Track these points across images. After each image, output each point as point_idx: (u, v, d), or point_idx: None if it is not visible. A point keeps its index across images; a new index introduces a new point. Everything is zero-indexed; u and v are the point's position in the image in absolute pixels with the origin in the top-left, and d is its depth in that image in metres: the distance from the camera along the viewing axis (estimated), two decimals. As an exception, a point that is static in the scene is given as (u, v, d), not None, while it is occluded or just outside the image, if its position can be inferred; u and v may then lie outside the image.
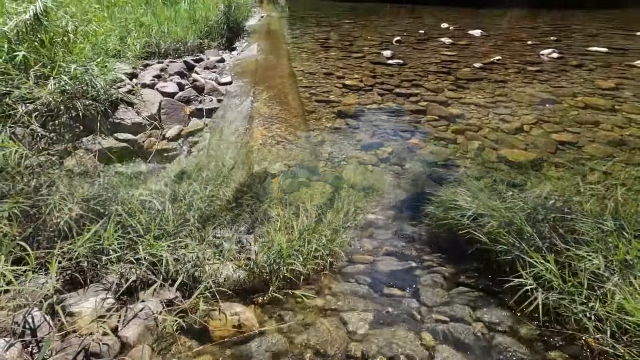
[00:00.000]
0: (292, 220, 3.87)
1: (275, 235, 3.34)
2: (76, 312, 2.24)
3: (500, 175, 4.40)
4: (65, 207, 2.65)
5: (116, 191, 3.06)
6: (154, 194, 3.24)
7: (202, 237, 3.38)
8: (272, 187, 4.71)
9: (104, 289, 2.58)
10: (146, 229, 2.89)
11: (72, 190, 2.75)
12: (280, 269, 3.13)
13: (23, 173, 2.57)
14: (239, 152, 5.39)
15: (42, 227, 2.67)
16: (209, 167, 4.11)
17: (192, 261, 3.06)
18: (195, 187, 3.44)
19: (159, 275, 2.76)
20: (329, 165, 6.12)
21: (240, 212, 3.94)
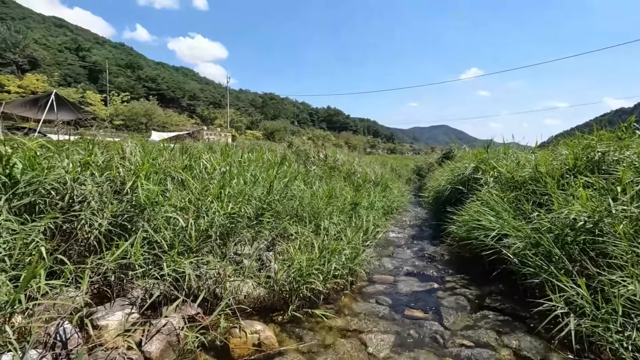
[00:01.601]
0: (312, 238, 3.87)
1: (296, 254, 3.35)
2: (103, 326, 2.30)
3: (525, 195, 4.28)
4: (96, 222, 2.76)
5: (143, 207, 3.16)
6: (179, 210, 3.32)
7: (224, 254, 3.43)
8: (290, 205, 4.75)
9: (129, 304, 2.64)
10: (170, 245, 2.96)
11: (102, 206, 2.87)
12: (300, 288, 3.13)
13: (58, 188, 2.71)
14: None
15: (74, 241, 2.78)
16: (230, 184, 4.19)
17: (213, 277, 3.10)
18: (216, 205, 3.51)
19: (181, 291, 2.80)
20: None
21: (260, 229, 3.98)
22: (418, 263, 4.93)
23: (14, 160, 2.51)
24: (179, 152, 5.25)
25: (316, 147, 11.17)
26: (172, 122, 49.27)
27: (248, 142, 25.32)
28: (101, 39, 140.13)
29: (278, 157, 7.93)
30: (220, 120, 64.64)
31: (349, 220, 5.10)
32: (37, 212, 2.62)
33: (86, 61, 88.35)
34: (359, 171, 9.59)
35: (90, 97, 45.05)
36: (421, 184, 14.39)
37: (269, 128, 69.16)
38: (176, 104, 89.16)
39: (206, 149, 6.46)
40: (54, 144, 3.31)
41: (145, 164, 3.31)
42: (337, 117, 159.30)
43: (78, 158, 3.07)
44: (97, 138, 4.12)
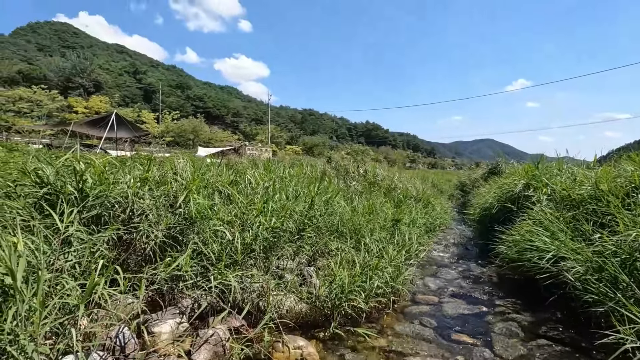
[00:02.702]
0: (352, 255, 3.85)
1: (337, 270, 3.35)
2: (156, 333, 2.43)
3: (584, 214, 3.96)
4: (152, 233, 2.96)
5: (193, 220, 3.34)
6: (226, 224, 3.46)
7: (267, 267, 3.50)
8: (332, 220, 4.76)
9: (179, 313, 2.77)
10: (218, 258, 3.09)
11: (158, 218, 3.08)
12: (341, 305, 3.11)
13: (121, 202, 2.96)
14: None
15: (132, 252, 2.99)
16: (273, 199, 4.30)
17: (257, 291, 3.18)
18: (261, 219, 3.61)
19: (227, 302, 2.90)
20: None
21: (302, 244, 4.02)
22: (464, 284, 4.70)
23: (86, 176, 2.77)
24: (225, 168, 5.50)
25: (355, 162, 11.16)
26: (217, 138, 51.72)
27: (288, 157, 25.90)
28: (156, 63, 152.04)
29: (318, 172, 8.04)
30: (262, 136, 66.84)
31: (390, 237, 5.01)
32: (102, 224, 2.86)
33: (142, 83, 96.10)
34: (399, 187, 9.43)
35: (144, 116, 48.72)
36: (465, 200, 13.80)
37: (308, 143, 70.33)
38: (221, 121, 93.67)
39: (250, 165, 6.70)
40: (118, 161, 3.62)
41: (196, 179, 3.51)
42: (375, 131, 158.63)
43: (138, 174, 3.33)
44: (153, 154, 4.44)
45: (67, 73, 68.46)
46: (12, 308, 1.72)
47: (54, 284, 2.14)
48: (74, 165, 2.83)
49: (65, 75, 68.02)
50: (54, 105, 41.12)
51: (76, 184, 2.80)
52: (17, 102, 37.82)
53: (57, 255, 2.32)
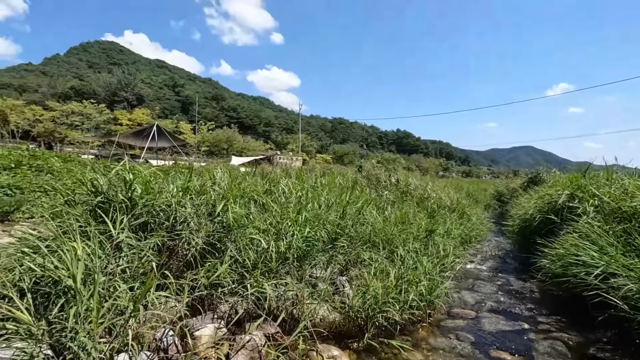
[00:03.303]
0: (386, 266, 3.82)
1: (371, 280, 3.34)
2: (197, 336, 2.54)
3: (637, 228, 3.70)
4: (193, 240, 3.11)
5: (231, 228, 3.47)
6: (261, 232, 3.57)
7: (300, 276, 3.56)
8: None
9: (218, 318, 2.87)
10: (253, 265, 3.18)
11: (199, 226, 3.24)
12: (375, 316, 3.09)
13: (167, 210, 3.15)
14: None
15: (175, 257, 3.16)
16: (306, 208, 4.37)
17: (291, 299, 3.23)
18: (295, 228, 3.68)
19: (262, 309, 2.97)
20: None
21: (334, 253, 4.05)
22: (503, 299, 4.51)
23: (135, 185, 2.98)
24: (259, 177, 5.67)
25: (387, 171, 11.06)
26: (249, 147, 53.10)
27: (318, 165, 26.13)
28: (193, 76, 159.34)
29: (349, 181, 8.05)
30: (292, 145, 67.85)
31: (424, 248, 4.92)
32: (149, 230, 3.05)
33: (180, 95, 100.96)
34: (432, 196, 9.23)
35: (182, 127, 51.05)
36: (503, 210, 13.23)
37: (338, 152, 70.46)
38: (253, 131, 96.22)
39: (283, 174, 6.84)
40: (162, 171, 3.84)
41: (233, 189, 3.65)
42: (407, 139, 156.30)
43: (180, 183, 3.52)
44: (191, 164, 4.67)
45: (113, 88, 73.47)
46: (73, 307, 1.88)
47: (108, 286, 2.31)
48: (124, 175, 3.05)
49: (111, 89, 73.03)
50: (101, 118, 44.19)
51: (126, 193, 3.02)
52: (70, 115, 41.01)
53: (110, 260, 2.50)
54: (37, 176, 9.55)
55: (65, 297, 2.07)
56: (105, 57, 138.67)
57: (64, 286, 2.12)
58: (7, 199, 7.44)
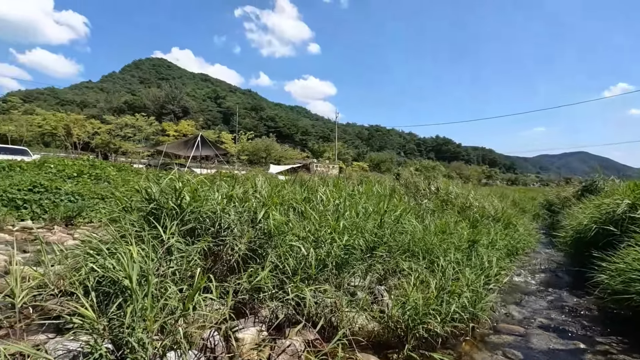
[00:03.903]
0: (426, 276, 3.73)
1: (411, 291, 3.28)
2: (240, 338, 2.64)
3: None
4: (236, 246, 3.25)
5: (271, 235, 3.58)
6: (300, 239, 3.64)
7: (339, 284, 3.57)
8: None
9: (259, 322, 2.96)
10: (293, 272, 3.25)
11: (242, 232, 3.38)
12: (416, 327, 3.02)
13: (212, 217, 3.33)
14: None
15: (219, 262, 3.31)
16: (344, 216, 4.39)
17: (329, 306, 3.26)
18: (334, 236, 3.72)
19: (301, 315, 3.02)
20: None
21: (373, 262, 4.02)
22: (555, 316, 4.21)
23: (184, 193, 3.18)
24: (298, 185, 5.79)
25: (426, 179, 10.80)
26: (287, 156, 54.20)
27: (355, 173, 26.10)
28: (233, 88, 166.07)
29: (387, 189, 7.96)
30: (329, 153, 68.27)
31: (466, 259, 4.74)
32: (196, 236, 3.23)
33: (222, 107, 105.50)
34: (474, 205, 8.86)
35: (223, 137, 53.25)
36: (553, 221, 12.38)
37: (375, 159, 69.83)
38: (290, 140, 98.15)
39: (321, 182, 6.92)
40: (208, 179, 4.06)
41: (274, 196, 3.77)
42: (446, 146, 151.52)
43: (224, 191, 3.69)
44: (235, 173, 4.87)
45: (161, 101, 78.47)
46: (130, 306, 2.04)
47: (159, 287, 2.48)
48: (174, 184, 3.27)
49: (160, 103, 78.02)
50: (151, 130, 47.30)
51: (175, 201, 3.22)
52: (124, 128, 44.33)
53: (162, 263, 2.68)
54: (95, 184, 10.42)
55: (123, 296, 2.25)
56: (154, 73, 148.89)
57: (122, 286, 2.31)
58: (71, 205, 8.19)
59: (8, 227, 6.81)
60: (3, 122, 42.27)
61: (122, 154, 42.30)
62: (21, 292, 2.37)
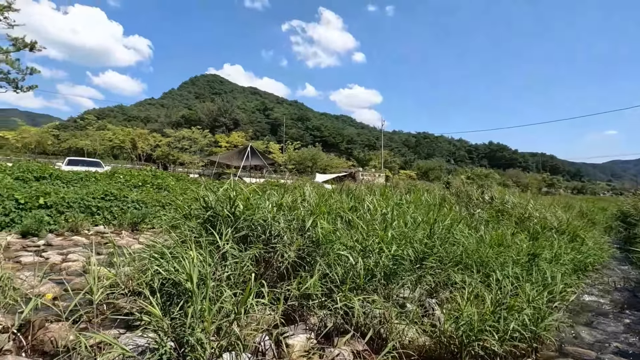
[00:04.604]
0: (481, 290, 3.54)
1: (465, 305, 3.13)
2: (290, 344, 2.69)
3: None
4: (286, 253, 3.34)
5: (319, 243, 3.63)
6: (348, 248, 3.65)
7: (388, 295, 3.51)
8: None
9: (309, 329, 3.00)
10: (341, 281, 3.26)
11: (291, 240, 3.47)
12: (471, 344, 2.87)
13: (263, 225, 3.47)
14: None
15: (270, 269, 3.42)
16: (392, 226, 4.32)
17: (378, 317, 3.21)
18: (382, 245, 3.67)
19: (350, 325, 3.01)
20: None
21: (423, 273, 3.90)
22: (634, 340, 3.76)
23: (238, 202, 3.35)
24: (345, 194, 5.81)
25: (480, 187, 10.27)
26: (332, 164, 54.56)
27: (402, 182, 25.51)
28: (281, 99, 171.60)
29: (436, 198, 7.69)
30: (375, 162, 67.57)
31: (526, 274, 4.41)
32: (248, 243, 3.37)
33: (270, 118, 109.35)
34: (534, 215, 8.23)
35: (271, 147, 55.08)
36: (630, 234, 11.09)
37: (423, 167, 67.82)
38: (336, 149, 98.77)
39: (368, 191, 6.89)
40: (260, 188, 4.23)
41: (322, 205, 3.83)
42: (501, 152, 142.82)
43: (274, 200, 3.83)
44: (284, 182, 5.02)
45: (214, 114, 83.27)
46: (191, 307, 2.19)
47: (215, 291, 2.62)
48: (229, 193, 3.45)
49: (213, 116, 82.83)
50: (205, 142, 50.34)
51: (230, 209, 3.41)
52: (181, 140, 47.67)
53: (217, 267, 2.84)
54: (157, 193, 11.28)
55: (184, 297, 2.42)
56: (208, 88, 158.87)
57: (183, 288, 2.48)
58: (136, 212, 8.93)
59: (84, 231, 7.61)
60: (80, 138, 47.52)
61: (179, 165, 45.48)
62: (98, 290, 2.64)
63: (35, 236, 6.77)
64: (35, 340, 2.44)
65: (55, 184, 9.84)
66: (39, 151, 42.85)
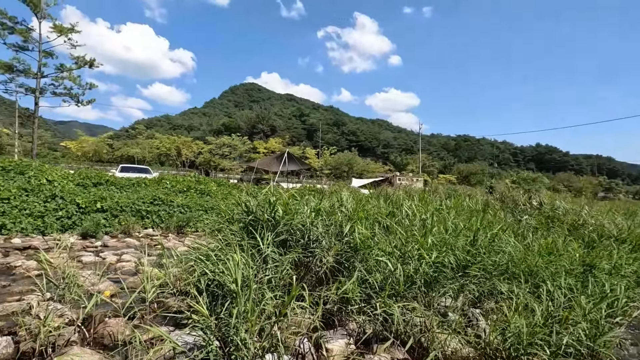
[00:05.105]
0: (530, 301, 3.34)
1: (512, 316, 2.97)
2: (330, 349, 2.71)
3: None
4: (324, 258, 3.37)
5: (357, 249, 3.63)
6: (387, 254, 3.61)
7: (428, 303, 3.42)
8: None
9: (347, 334, 3.00)
10: (380, 287, 3.23)
11: (329, 245, 3.50)
12: (519, 357, 2.72)
13: (302, 229, 3.53)
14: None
15: (308, 273, 3.47)
16: (432, 232, 4.22)
17: (419, 326, 3.14)
18: (422, 252, 3.60)
19: (390, 332, 2.97)
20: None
21: (466, 282, 3.76)
22: None
23: (277, 207, 3.44)
24: (382, 199, 5.75)
25: (526, 192, 9.72)
26: (368, 169, 54.10)
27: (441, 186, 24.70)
28: (316, 105, 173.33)
29: (479, 204, 7.39)
30: (412, 166, 66.11)
31: (581, 286, 4.10)
32: (287, 247, 3.45)
33: (306, 124, 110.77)
34: (590, 222, 7.63)
35: (307, 152, 55.73)
36: None
37: (464, 171, 65.29)
38: (372, 153, 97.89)
39: (406, 196, 6.77)
40: (298, 194, 4.32)
41: (360, 211, 3.83)
42: (550, 155, 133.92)
43: (312, 205, 3.88)
44: (318, 186, 5.08)
45: (252, 121, 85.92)
46: (236, 308, 2.28)
47: (257, 293, 2.71)
48: (269, 198, 3.56)
49: (251, 123, 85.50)
50: (244, 148, 52.09)
51: (270, 213, 3.51)
52: (222, 147, 49.66)
53: (259, 270, 2.93)
54: (200, 197, 11.82)
55: (229, 298, 2.52)
56: (247, 97, 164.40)
57: (227, 289, 2.59)
58: (181, 216, 9.41)
59: (135, 234, 8.15)
60: (131, 146, 51.06)
61: (220, 171, 47.34)
62: (150, 289, 2.82)
63: (93, 237, 7.36)
64: (96, 334, 2.66)
65: (110, 190, 10.64)
66: (96, 159, 46.56)
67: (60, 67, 27.63)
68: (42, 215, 7.75)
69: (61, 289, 3.04)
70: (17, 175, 9.26)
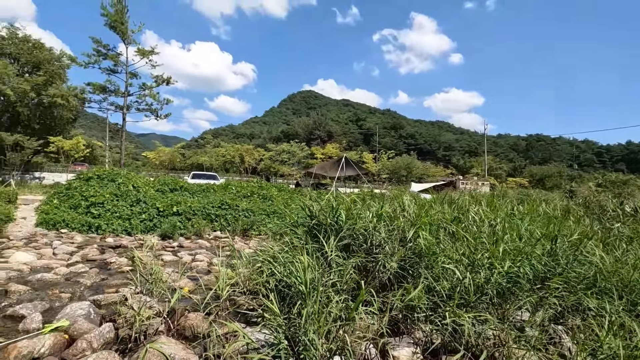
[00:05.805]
0: (626, 320, 2.95)
1: (605, 335, 2.66)
2: (395, 356, 2.67)
3: None
4: (388, 264, 3.33)
5: (422, 255, 3.52)
6: (454, 262, 3.45)
7: (503, 315, 3.20)
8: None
9: (414, 343, 2.93)
10: (448, 296, 3.09)
11: (392, 250, 3.45)
12: (615, 383, 2.42)
13: (364, 234, 3.54)
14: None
15: (371, 278, 3.46)
16: (503, 239, 3.93)
17: (492, 339, 2.94)
18: (493, 261, 3.37)
19: (459, 344, 2.83)
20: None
21: (545, 294, 3.44)
22: None
23: (340, 211, 3.49)
24: (447, 204, 5.51)
25: (616, 196, 8.60)
26: (428, 173, 52.12)
27: (511, 190, 22.83)
28: (373, 109, 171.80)
29: (558, 209, 6.71)
30: (477, 169, 62.18)
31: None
32: (350, 252, 3.47)
33: (362, 128, 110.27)
34: (702, 232, 6.49)
35: (364, 157, 55.42)
36: None
37: (537, 174, 59.72)
38: (432, 156, 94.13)
39: (472, 201, 6.41)
40: (360, 199, 4.33)
41: (423, 216, 3.72)
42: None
43: (374, 210, 3.87)
44: (378, 191, 5.03)
45: (310, 128, 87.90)
46: (305, 309, 2.36)
47: (323, 296, 2.77)
48: (332, 202, 3.62)
49: (308, 129, 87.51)
50: (302, 154, 53.48)
51: (332, 218, 3.57)
52: (281, 154, 51.57)
53: (324, 274, 3.00)
54: (262, 202, 12.38)
55: (298, 298, 2.61)
56: (304, 104, 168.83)
57: (295, 290, 2.68)
58: (246, 219, 9.94)
59: (206, 236, 8.80)
60: (201, 155, 55.33)
61: (280, 176, 49.14)
62: (224, 288, 3.04)
63: (170, 238, 8.10)
64: (178, 326, 2.93)
65: (184, 195, 11.63)
66: (170, 167, 51.22)
67: (142, 85, 31.20)
68: (129, 218, 8.74)
69: (149, 284, 3.41)
70: (109, 183, 10.56)
